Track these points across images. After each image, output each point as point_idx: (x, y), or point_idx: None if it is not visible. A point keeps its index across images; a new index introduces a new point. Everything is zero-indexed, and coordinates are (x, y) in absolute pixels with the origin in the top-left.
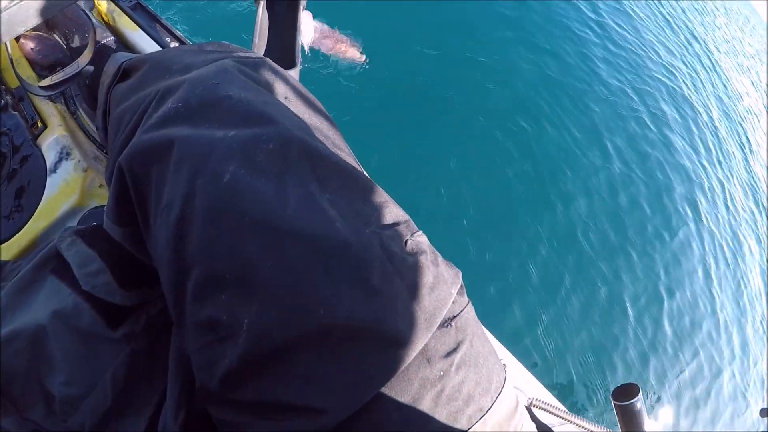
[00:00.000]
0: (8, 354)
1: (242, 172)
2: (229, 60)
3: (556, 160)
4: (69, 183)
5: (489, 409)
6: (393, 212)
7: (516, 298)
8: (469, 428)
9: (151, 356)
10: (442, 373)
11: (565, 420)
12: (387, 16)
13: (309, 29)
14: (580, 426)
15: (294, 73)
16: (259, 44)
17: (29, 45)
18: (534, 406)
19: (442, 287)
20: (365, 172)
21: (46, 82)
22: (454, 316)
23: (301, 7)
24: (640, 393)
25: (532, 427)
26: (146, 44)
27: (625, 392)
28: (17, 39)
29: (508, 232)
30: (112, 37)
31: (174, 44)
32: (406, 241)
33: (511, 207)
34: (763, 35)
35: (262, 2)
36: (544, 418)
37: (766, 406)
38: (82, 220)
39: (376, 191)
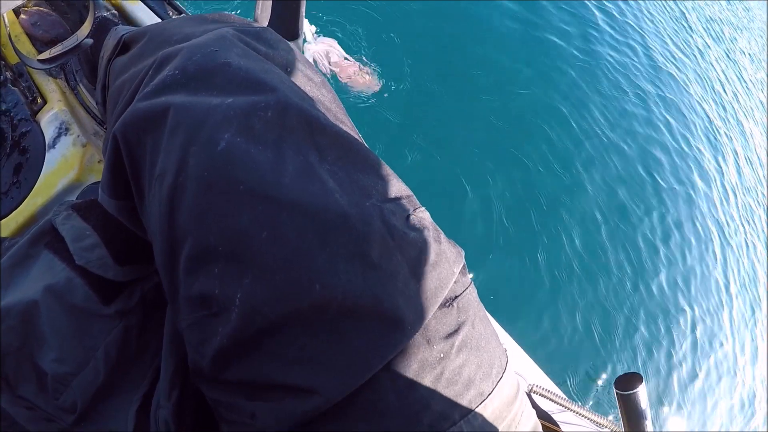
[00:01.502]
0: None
1: (238, 140)
2: (229, 29)
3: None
4: (68, 158)
5: (490, 394)
6: (396, 186)
7: (519, 283)
8: (468, 414)
9: (145, 332)
10: (442, 355)
11: (565, 408)
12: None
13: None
14: (579, 414)
15: (296, 45)
16: (262, 15)
17: (30, 21)
18: (534, 392)
19: (444, 265)
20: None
21: (44, 55)
22: (456, 296)
23: None
24: (643, 383)
25: (533, 414)
26: (147, 17)
27: (628, 382)
28: (17, 15)
29: (517, 218)
30: (113, 11)
31: (175, 16)
32: (408, 216)
33: (523, 195)
34: None
35: None
36: (545, 404)
37: None
38: (81, 195)
39: (378, 164)
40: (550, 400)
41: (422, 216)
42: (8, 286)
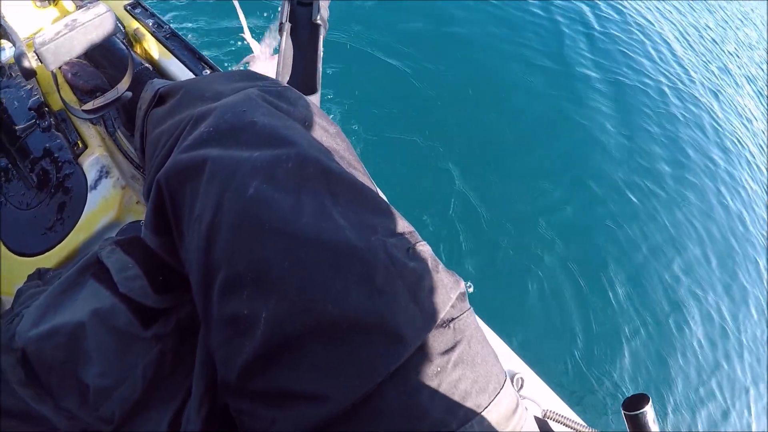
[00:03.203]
0: (48, 348)
1: (264, 187)
2: (255, 89)
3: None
4: (108, 199)
5: (486, 408)
6: (399, 224)
7: (533, 310)
8: (465, 424)
9: (178, 355)
10: (439, 369)
11: None
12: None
13: None
14: None
15: (315, 99)
16: (283, 71)
17: (71, 71)
18: (548, 417)
19: (441, 290)
20: (378, 190)
21: (88, 106)
22: (453, 319)
23: (322, 36)
24: (651, 403)
25: (534, 428)
26: (179, 71)
27: (636, 402)
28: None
29: (524, 242)
30: (148, 65)
31: (206, 71)
32: (408, 249)
33: (532, 214)
34: None
35: (286, 31)
36: (560, 431)
37: None
38: (120, 233)
39: (384, 206)
40: (567, 425)
41: (422, 249)
42: (57, 310)
